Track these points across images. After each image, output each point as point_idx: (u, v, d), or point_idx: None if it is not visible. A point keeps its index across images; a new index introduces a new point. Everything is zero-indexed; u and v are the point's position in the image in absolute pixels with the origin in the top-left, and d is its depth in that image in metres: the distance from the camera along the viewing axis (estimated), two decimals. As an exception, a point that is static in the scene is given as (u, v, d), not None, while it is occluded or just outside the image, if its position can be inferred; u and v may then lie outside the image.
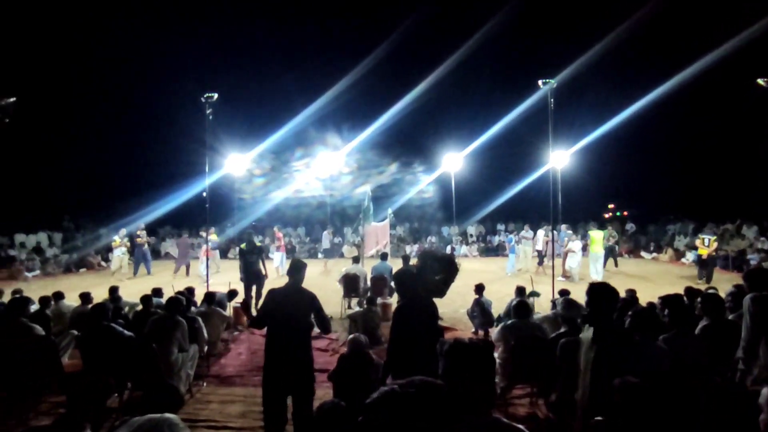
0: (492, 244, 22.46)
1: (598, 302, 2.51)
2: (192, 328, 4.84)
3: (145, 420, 0.83)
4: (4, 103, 8.58)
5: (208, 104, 8.30)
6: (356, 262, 8.81)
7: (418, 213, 25.27)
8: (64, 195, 20.28)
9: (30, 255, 15.73)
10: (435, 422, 0.87)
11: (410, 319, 3.28)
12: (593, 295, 2.54)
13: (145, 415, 2.15)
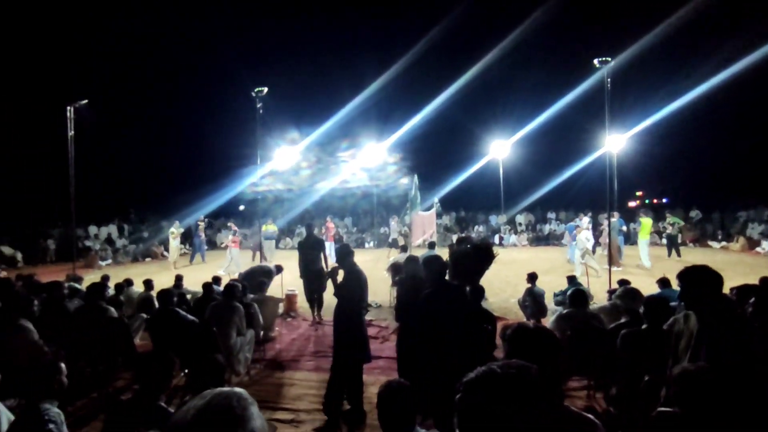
0: (542, 233, 21.75)
1: (700, 285, 2.29)
2: (248, 314, 5.06)
3: (216, 393, 0.88)
4: (78, 105, 9.30)
5: (259, 98, 8.56)
6: (404, 251, 8.83)
7: (465, 202, 24.90)
8: (130, 190, 21.78)
9: (103, 245, 17.06)
10: (530, 406, 0.86)
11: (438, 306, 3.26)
12: (695, 277, 2.31)
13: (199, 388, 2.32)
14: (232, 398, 0.87)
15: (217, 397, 0.87)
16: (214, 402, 0.85)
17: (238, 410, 0.84)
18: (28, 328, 4.01)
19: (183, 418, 0.84)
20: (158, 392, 2.53)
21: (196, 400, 0.87)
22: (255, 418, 0.86)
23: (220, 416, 0.83)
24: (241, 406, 0.86)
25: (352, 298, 4.00)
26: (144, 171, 22.94)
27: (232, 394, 0.88)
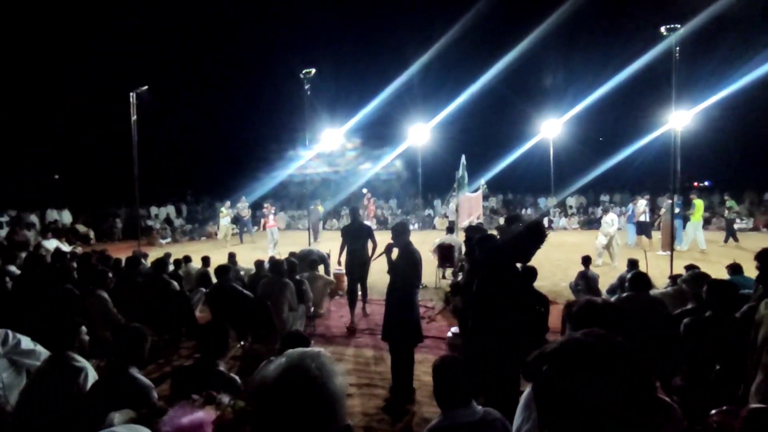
0: (594, 217, 20.80)
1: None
2: (299, 290, 5.24)
3: (295, 352, 0.90)
4: (140, 91, 9.81)
5: (307, 80, 8.64)
6: (450, 232, 8.75)
7: (513, 184, 24.20)
8: (186, 172, 22.91)
9: (162, 225, 18.15)
10: (616, 378, 0.80)
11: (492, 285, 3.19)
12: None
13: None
14: (310, 357, 0.88)
15: (295, 357, 0.88)
16: (292, 362, 0.87)
17: (314, 371, 0.86)
18: (104, 298, 4.36)
19: (264, 378, 0.87)
20: (216, 359, 2.69)
21: (277, 360, 0.89)
22: (333, 376, 0.88)
23: (297, 375, 0.85)
24: (319, 364, 0.87)
25: (405, 277, 3.99)
26: (199, 154, 24.03)
27: (309, 354, 0.89)
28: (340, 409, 0.86)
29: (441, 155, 19.32)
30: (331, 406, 0.84)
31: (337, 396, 0.86)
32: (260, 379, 0.87)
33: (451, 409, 1.78)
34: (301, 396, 0.83)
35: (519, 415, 1.42)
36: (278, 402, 0.84)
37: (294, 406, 0.83)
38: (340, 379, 0.88)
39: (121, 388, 2.33)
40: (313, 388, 0.84)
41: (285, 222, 22.49)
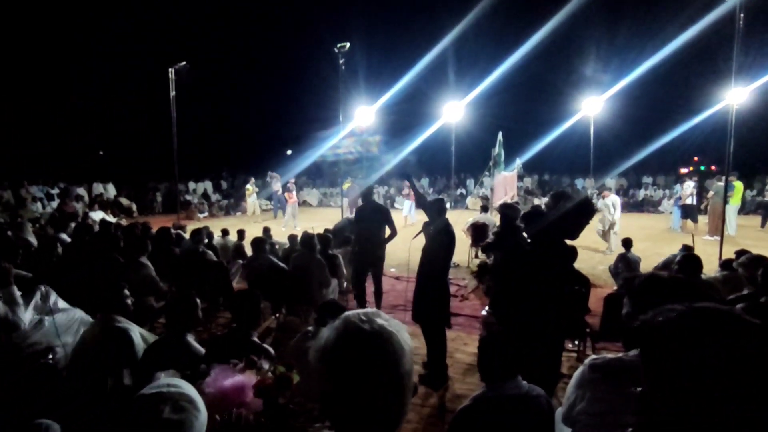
0: (636, 199, 19.97)
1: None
2: (333, 265, 5.28)
3: (361, 311, 0.87)
4: (178, 67, 9.97)
5: (341, 54, 8.52)
6: (485, 211, 8.59)
7: (550, 164, 23.46)
8: (222, 148, 23.41)
9: (200, 200, 18.71)
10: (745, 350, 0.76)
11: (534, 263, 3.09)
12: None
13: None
14: (374, 314, 0.84)
15: (358, 315, 0.85)
16: (354, 319, 0.84)
17: (378, 326, 0.82)
18: (147, 265, 4.53)
19: (327, 340, 0.84)
20: (250, 329, 2.73)
21: (334, 323, 0.86)
22: (398, 331, 0.84)
23: (361, 331, 0.82)
24: (383, 320, 0.84)
25: (437, 257, 3.91)
26: (235, 131, 24.46)
27: (371, 312, 0.86)
28: (406, 365, 0.83)
29: (475, 133, 18.86)
30: (398, 361, 0.82)
31: (403, 351, 0.82)
32: (322, 342, 0.85)
33: (496, 382, 1.74)
34: (369, 351, 0.81)
35: (572, 393, 1.36)
36: (346, 360, 0.82)
37: (363, 362, 0.81)
38: (405, 335, 0.84)
39: (176, 353, 2.42)
40: (379, 342, 0.81)
41: (317, 199, 22.76)
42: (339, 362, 0.82)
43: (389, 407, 0.83)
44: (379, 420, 0.83)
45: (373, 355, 0.81)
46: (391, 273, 7.69)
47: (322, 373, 0.85)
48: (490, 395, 1.72)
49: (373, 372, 0.80)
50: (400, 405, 0.84)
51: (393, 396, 0.83)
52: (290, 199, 13.34)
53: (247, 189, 15.06)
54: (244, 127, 24.79)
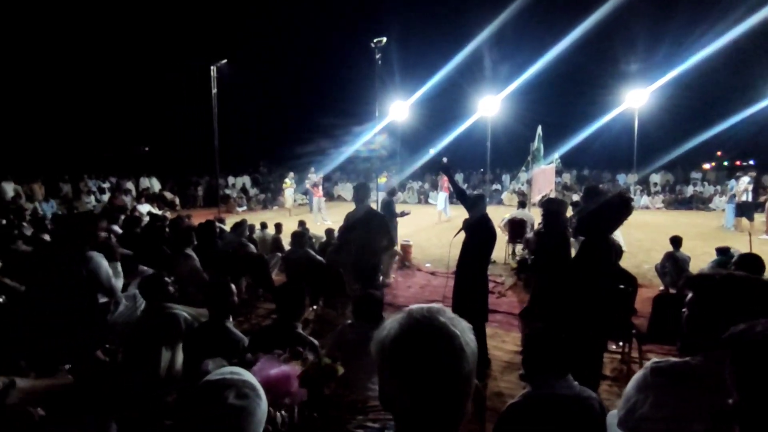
0: (683, 196, 18.99)
1: None
2: (370, 259, 5.30)
3: (426, 306, 0.86)
4: (220, 64, 10.26)
5: (378, 49, 8.52)
6: (522, 206, 8.40)
7: (590, 158, 22.65)
8: (259, 143, 23.96)
9: (239, 194, 19.26)
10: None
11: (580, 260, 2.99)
12: None
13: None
14: (438, 311, 0.84)
15: (424, 309, 0.84)
16: (420, 313, 0.83)
17: (442, 322, 0.82)
18: (192, 256, 4.71)
19: (389, 332, 0.84)
20: (294, 320, 2.79)
21: (398, 315, 0.86)
22: (464, 331, 0.83)
23: (427, 326, 0.81)
24: (448, 316, 0.83)
25: (476, 252, 3.87)
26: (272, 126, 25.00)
27: (436, 308, 0.85)
28: (467, 367, 0.81)
29: (511, 127, 18.45)
30: (458, 361, 0.80)
31: (464, 353, 0.81)
32: (383, 334, 0.85)
33: (546, 381, 1.70)
34: (429, 347, 0.80)
35: (631, 397, 1.31)
36: (405, 354, 0.81)
37: (421, 358, 0.80)
38: (469, 336, 0.83)
39: (217, 338, 2.51)
40: (440, 339, 0.80)
41: (351, 194, 22.94)
42: (398, 355, 0.82)
43: (446, 407, 0.82)
44: (435, 419, 0.82)
45: (433, 352, 0.80)
46: (426, 268, 7.67)
47: (381, 364, 0.85)
48: (540, 393, 1.68)
49: (432, 369, 0.79)
50: (458, 407, 0.83)
51: (451, 396, 0.81)
52: (316, 193, 13.56)
53: (284, 183, 15.39)
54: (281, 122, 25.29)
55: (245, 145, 23.01)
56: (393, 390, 0.83)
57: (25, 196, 12.13)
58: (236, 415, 0.96)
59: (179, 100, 21.15)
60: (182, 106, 20.79)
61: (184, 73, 18.93)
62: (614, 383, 3.66)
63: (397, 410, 0.85)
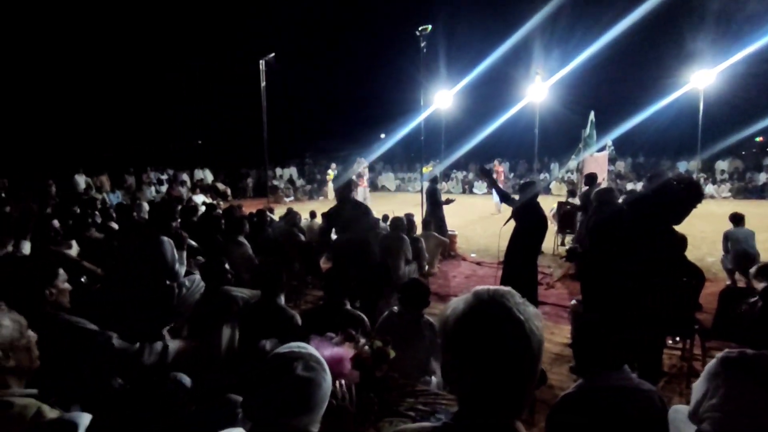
0: (755, 184, 17.54)
1: None
2: (416, 248, 5.34)
3: (493, 287, 0.87)
4: (268, 58, 10.53)
5: (423, 37, 8.42)
6: (573, 195, 8.10)
7: (647, 145, 21.36)
8: (305, 134, 24.46)
9: (286, 185, 19.81)
10: None
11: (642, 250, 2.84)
12: None
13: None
14: (508, 293, 0.84)
15: (491, 291, 0.85)
16: (488, 294, 0.84)
17: (511, 305, 0.82)
18: (244, 243, 4.94)
19: (455, 311, 0.86)
20: (341, 297, 2.88)
21: (463, 296, 0.87)
22: (533, 317, 0.83)
23: (495, 307, 0.82)
24: (516, 300, 0.84)
25: (526, 242, 3.80)
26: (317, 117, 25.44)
27: (504, 290, 0.86)
28: (534, 351, 0.81)
29: (560, 114, 17.70)
30: (525, 345, 0.80)
31: (531, 337, 0.81)
32: (449, 313, 0.87)
33: (600, 372, 1.65)
34: (495, 329, 0.80)
35: (701, 389, 1.26)
36: (471, 334, 0.82)
37: (487, 340, 0.80)
38: (536, 322, 0.83)
39: (270, 316, 2.64)
40: (507, 322, 0.81)
41: (395, 184, 22.98)
42: (462, 336, 0.83)
43: (510, 391, 0.82)
44: (498, 402, 0.83)
45: (499, 334, 0.80)
46: (471, 258, 7.59)
47: (445, 344, 0.87)
48: (595, 385, 1.63)
49: (497, 352, 0.79)
50: (523, 390, 0.83)
51: (515, 381, 0.81)
52: (361, 184, 13.71)
53: (328, 174, 15.67)
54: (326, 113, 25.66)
55: (291, 137, 23.55)
56: (456, 371, 0.84)
57: (95, 187, 13.11)
58: (304, 386, 1.02)
59: (229, 94, 21.94)
60: (232, 100, 21.57)
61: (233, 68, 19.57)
62: (673, 380, 3.50)
63: (460, 392, 0.86)
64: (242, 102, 18.82)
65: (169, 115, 22.13)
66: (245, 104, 17.27)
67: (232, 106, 21.76)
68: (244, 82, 15.59)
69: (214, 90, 22.88)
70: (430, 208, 7.90)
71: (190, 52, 22.25)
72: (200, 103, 23.00)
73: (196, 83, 22.73)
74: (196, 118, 23.36)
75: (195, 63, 22.33)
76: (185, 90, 22.69)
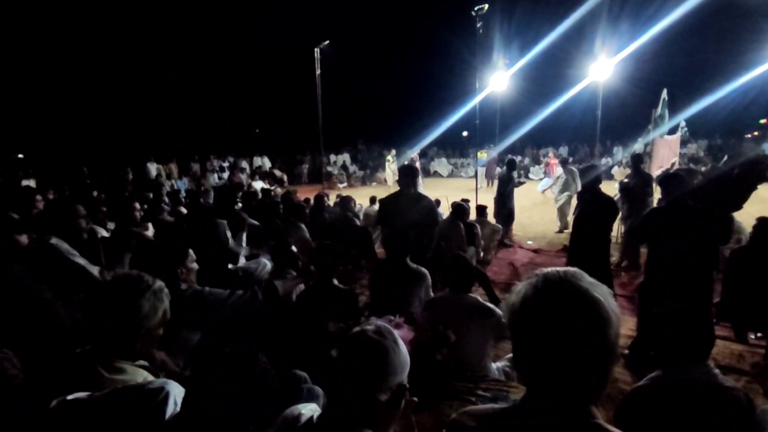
0: None
1: None
2: (471, 233, 5.27)
3: (562, 269, 0.85)
4: (322, 46, 10.67)
5: (479, 17, 8.16)
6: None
7: (724, 125, 19.55)
8: (358, 120, 24.68)
9: (340, 171, 20.16)
10: None
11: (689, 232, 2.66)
12: None
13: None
14: (577, 275, 0.82)
15: (561, 272, 0.83)
16: (559, 276, 0.82)
17: (582, 286, 0.80)
18: (302, 228, 5.10)
19: (523, 295, 0.84)
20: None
21: (531, 281, 0.86)
22: (605, 297, 0.80)
23: (567, 289, 0.80)
24: (588, 281, 0.81)
25: (596, 227, 3.62)
26: (370, 102, 25.55)
27: (573, 272, 0.83)
28: (612, 332, 0.78)
29: (625, 94, 16.57)
30: (603, 326, 0.77)
31: (610, 318, 0.78)
32: (518, 298, 0.84)
33: (681, 365, 1.56)
34: (569, 311, 0.78)
35: None
36: (543, 318, 0.80)
37: (561, 322, 0.78)
38: (612, 302, 0.80)
39: (328, 295, 2.73)
40: (581, 303, 0.78)
41: (448, 170, 22.67)
42: (533, 320, 0.80)
43: (589, 377, 0.79)
44: (576, 387, 0.79)
45: (575, 317, 0.77)
46: (528, 245, 7.37)
47: (514, 329, 0.85)
48: (672, 377, 1.54)
49: (573, 334, 0.76)
50: (603, 374, 0.79)
51: (593, 363, 0.78)
52: None
53: (387, 159, 15.74)
54: (378, 98, 25.69)
55: (344, 123, 23.83)
56: (529, 357, 0.82)
57: (165, 174, 14.04)
58: (375, 349, 1.01)
59: (285, 82, 22.51)
60: (287, 88, 22.12)
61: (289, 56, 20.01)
62: (755, 380, 3.23)
63: (532, 379, 0.83)
64: (297, 90, 19.23)
65: (229, 104, 23.12)
66: (300, 92, 17.64)
67: (288, 94, 22.32)
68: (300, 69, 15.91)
69: (271, 79, 23.56)
70: (501, 200, 7.49)
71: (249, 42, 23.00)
72: (257, 92, 23.81)
73: (253, 73, 23.51)
74: (254, 106, 24.23)
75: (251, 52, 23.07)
76: (242, 80, 23.55)
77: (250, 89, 23.89)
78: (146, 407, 1.14)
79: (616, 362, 0.80)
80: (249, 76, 23.60)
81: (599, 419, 0.81)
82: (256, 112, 24.74)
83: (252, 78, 23.68)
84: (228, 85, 23.38)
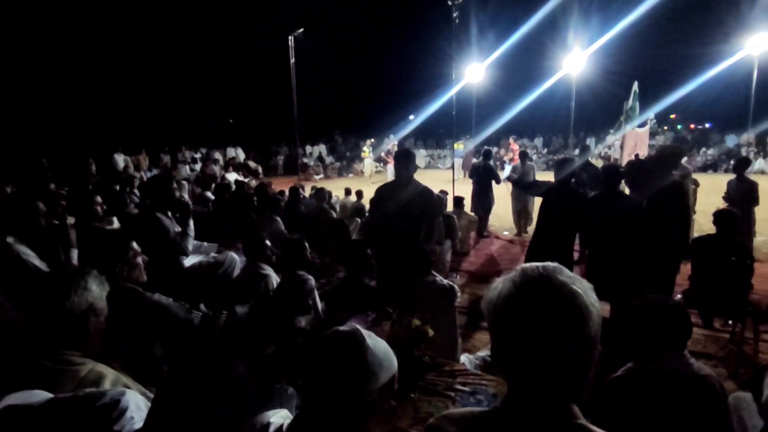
0: (813, 158, 16.34)
1: None
2: (448, 225, 5.26)
3: (541, 264, 0.82)
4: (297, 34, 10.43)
5: (455, 6, 8.11)
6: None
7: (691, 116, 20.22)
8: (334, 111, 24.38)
9: (316, 162, 19.90)
10: None
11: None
12: None
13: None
14: (557, 270, 0.79)
15: (539, 269, 0.80)
16: (537, 272, 0.79)
17: (561, 281, 0.77)
18: (277, 220, 4.99)
19: (500, 291, 0.81)
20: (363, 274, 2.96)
21: (509, 276, 0.82)
22: (584, 292, 0.77)
23: (544, 285, 0.77)
24: (567, 276, 0.78)
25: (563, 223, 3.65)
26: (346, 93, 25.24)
27: (553, 266, 0.80)
28: (593, 328, 0.75)
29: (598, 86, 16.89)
30: (583, 321, 0.74)
31: (590, 312, 0.75)
32: (495, 294, 0.81)
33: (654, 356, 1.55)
34: (547, 306, 0.75)
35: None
36: (521, 314, 0.77)
37: (540, 318, 0.75)
38: (592, 296, 0.77)
39: (292, 289, 2.68)
40: (560, 298, 0.75)
41: (425, 161, 22.69)
42: (512, 317, 0.78)
43: (570, 373, 0.76)
44: (558, 384, 0.77)
45: (554, 312, 0.74)
46: (504, 236, 7.44)
47: (494, 326, 0.82)
48: (647, 369, 1.54)
49: (553, 330, 0.74)
50: (584, 369, 0.77)
51: (575, 361, 0.76)
52: (390, 161, 13.61)
53: (363, 151, 15.64)
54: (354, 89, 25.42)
55: (320, 114, 23.52)
56: (509, 354, 0.79)
57: (133, 166, 13.54)
58: (354, 343, 0.94)
59: (259, 72, 21.99)
60: (261, 78, 21.62)
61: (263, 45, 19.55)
62: (720, 363, 3.33)
63: (514, 375, 0.81)
64: (271, 80, 18.83)
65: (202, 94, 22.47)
66: (274, 82, 17.28)
67: (262, 83, 21.83)
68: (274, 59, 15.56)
69: (244, 68, 22.99)
70: (481, 192, 7.22)
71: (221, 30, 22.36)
72: (230, 81, 23.19)
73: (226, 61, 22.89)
74: (227, 95, 23.61)
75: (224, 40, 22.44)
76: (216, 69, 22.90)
77: (223, 78, 23.26)
78: (95, 426, 1.05)
79: (597, 356, 0.77)
80: (222, 65, 22.98)
81: (582, 419, 0.79)
82: (229, 101, 24.14)
83: (225, 66, 23.06)
84: (200, 74, 22.70)
